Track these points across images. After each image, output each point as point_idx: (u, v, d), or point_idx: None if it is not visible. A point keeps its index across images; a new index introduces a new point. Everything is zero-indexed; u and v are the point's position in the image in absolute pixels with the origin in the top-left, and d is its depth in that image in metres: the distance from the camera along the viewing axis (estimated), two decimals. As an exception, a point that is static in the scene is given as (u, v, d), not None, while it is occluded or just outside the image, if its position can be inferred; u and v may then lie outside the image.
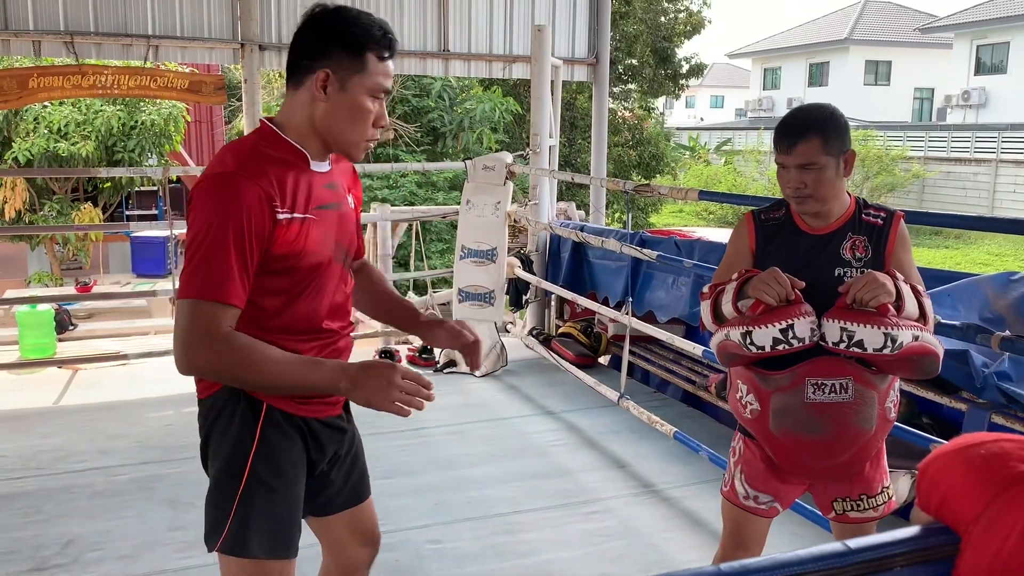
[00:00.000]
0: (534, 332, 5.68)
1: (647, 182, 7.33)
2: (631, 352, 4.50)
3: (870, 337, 1.77)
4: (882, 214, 1.99)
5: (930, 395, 3.10)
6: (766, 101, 34.91)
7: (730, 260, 2.11)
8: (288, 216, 1.54)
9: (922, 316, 1.87)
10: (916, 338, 1.79)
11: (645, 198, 14.33)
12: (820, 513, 2.18)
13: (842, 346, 1.81)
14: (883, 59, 32.17)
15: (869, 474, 2.02)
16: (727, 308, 1.97)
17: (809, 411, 1.91)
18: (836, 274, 1.94)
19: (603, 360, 5.46)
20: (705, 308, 2.04)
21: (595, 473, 3.69)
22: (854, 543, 0.52)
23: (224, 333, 1.48)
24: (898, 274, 1.86)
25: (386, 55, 1.59)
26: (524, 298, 5.79)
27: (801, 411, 1.91)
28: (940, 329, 2.44)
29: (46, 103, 9.44)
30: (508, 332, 5.80)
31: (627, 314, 4.24)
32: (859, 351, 1.80)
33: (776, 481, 2.05)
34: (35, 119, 9.81)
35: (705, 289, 2.08)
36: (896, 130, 23.91)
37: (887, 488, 2.06)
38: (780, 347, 1.85)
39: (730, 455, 2.17)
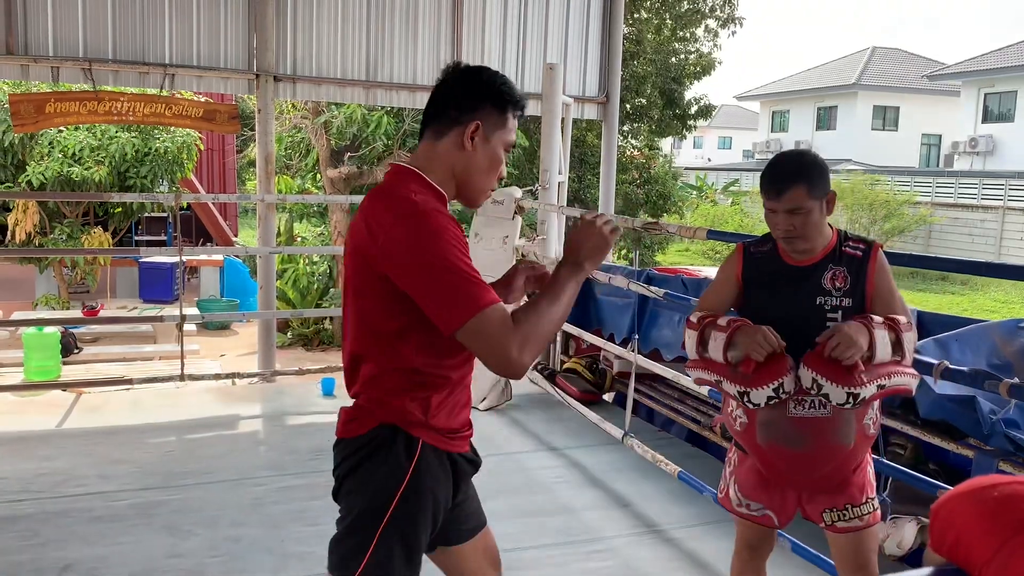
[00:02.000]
0: (539, 367, 5.67)
1: (655, 220, 7.32)
2: (636, 390, 4.49)
3: (835, 394, 1.96)
4: (861, 246, 2.14)
5: (936, 441, 3.08)
6: (774, 143, 35.11)
7: (718, 287, 2.30)
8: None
9: (898, 351, 2.01)
10: (882, 387, 1.97)
11: (652, 236, 14.37)
12: (803, 536, 2.28)
13: (812, 392, 1.99)
14: (891, 104, 32.41)
15: (854, 485, 2.15)
16: (716, 355, 2.13)
17: (792, 425, 2.06)
18: (818, 303, 2.10)
19: (608, 397, 5.44)
20: (691, 337, 2.21)
21: (598, 511, 3.66)
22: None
23: (515, 322, 1.56)
24: (874, 319, 2.01)
25: (520, 115, 1.78)
26: (530, 333, 5.78)
27: (784, 424, 2.07)
28: (949, 374, 2.43)
29: (62, 128, 9.55)
30: (513, 366, 5.78)
31: (633, 351, 4.23)
32: (824, 400, 1.99)
33: (767, 490, 2.20)
34: (50, 143, 9.91)
35: (693, 319, 2.23)
36: (903, 175, 24.01)
37: (871, 499, 2.17)
38: (772, 402, 2.04)
39: (726, 465, 2.34)
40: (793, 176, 2.06)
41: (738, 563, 2.34)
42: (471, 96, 1.71)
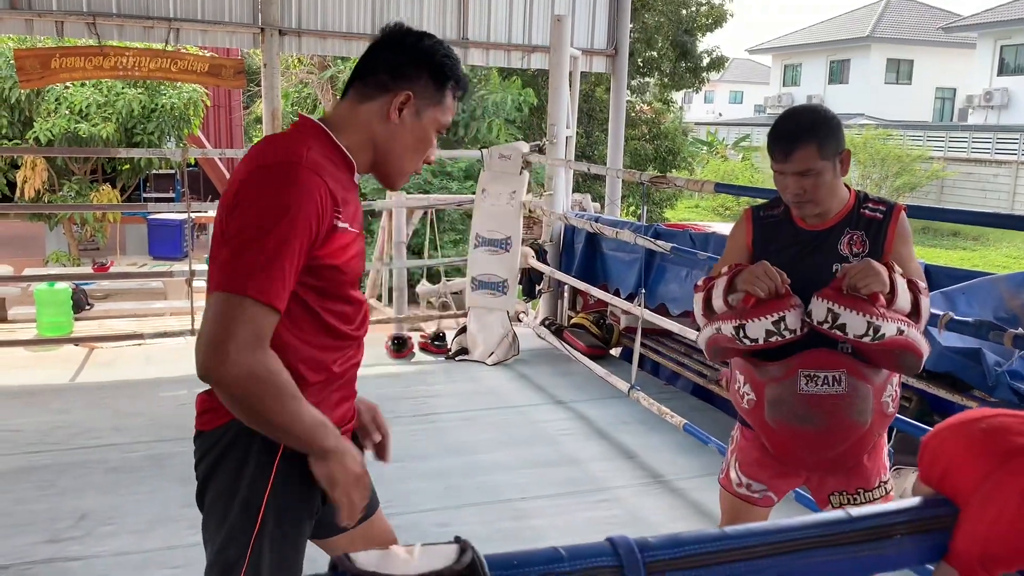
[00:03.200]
0: (546, 322, 5.70)
1: (662, 174, 7.23)
2: (642, 344, 4.51)
3: (853, 322, 1.78)
4: (881, 208, 1.98)
5: (942, 393, 3.10)
6: (786, 98, 34.68)
7: (728, 256, 2.14)
8: (344, 225, 1.44)
9: (915, 312, 1.87)
10: (901, 332, 1.80)
11: (661, 192, 14.29)
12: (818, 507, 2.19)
13: (825, 326, 1.82)
14: (905, 58, 31.90)
15: (866, 468, 2.03)
16: (717, 303, 1.98)
17: (802, 402, 1.92)
18: (834, 270, 1.94)
19: (614, 352, 5.47)
20: (698, 300, 2.06)
21: (604, 463, 3.71)
22: (856, 511, 0.54)
23: (266, 349, 1.32)
24: (896, 267, 1.86)
25: (460, 95, 1.57)
26: (537, 288, 5.81)
27: (795, 402, 1.93)
28: (953, 326, 2.44)
29: (68, 84, 9.51)
30: (520, 322, 5.82)
31: (639, 306, 4.25)
32: (840, 334, 1.81)
33: (770, 471, 2.08)
34: (56, 100, 9.88)
35: (700, 282, 2.09)
36: (916, 130, 23.74)
37: (885, 483, 2.06)
38: (773, 339, 1.88)
39: (729, 443, 2.22)
40: (802, 135, 1.89)
41: None
42: (407, 63, 1.49)
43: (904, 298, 1.84)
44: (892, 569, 0.55)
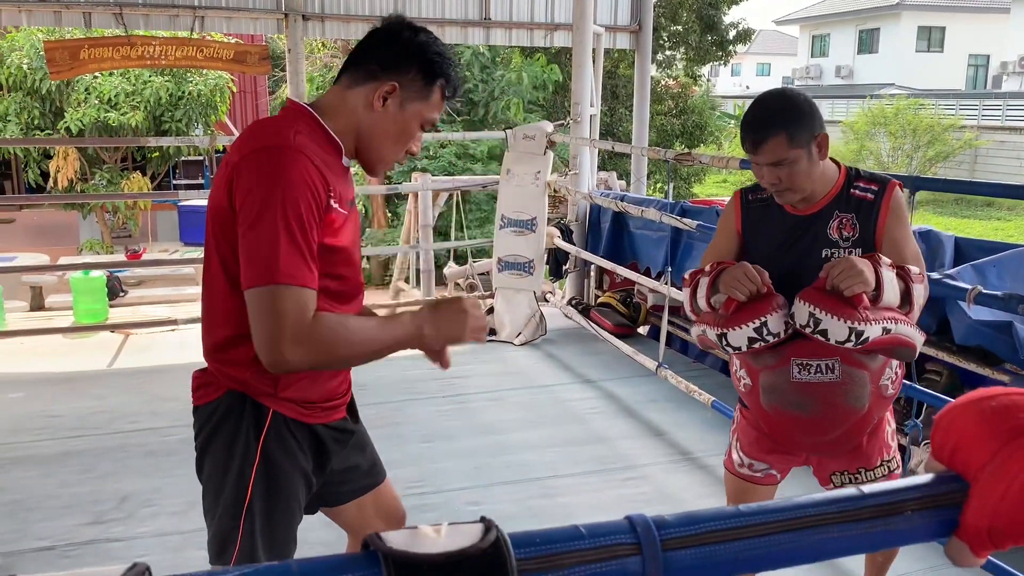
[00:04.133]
0: (573, 302, 5.71)
1: (687, 151, 7.12)
2: (670, 322, 4.51)
3: (835, 328, 1.71)
4: (873, 187, 1.89)
5: (972, 367, 3.07)
6: (814, 69, 34.16)
7: (718, 241, 2.10)
8: (336, 206, 1.47)
9: (907, 302, 1.79)
10: (887, 331, 1.73)
11: (688, 168, 14.18)
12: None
13: (807, 330, 1.76)
14: (936, 25, 31.21)
15: (867, 448, 2.00)
16: (701, 303, 1.94)
17: (796, 390, 1.89)
18: (823, 255, 1.88)
19: (642, 330, 5.47)
20: (685, 295, 2.01)
21: (632, 440, 3.73)
22: (868, 488, 0.55)
23: (315, 319, 1.38)
24: (883, 259, 1.77)
25: (450, 94, 1.59)
26: (563, 268, 5.82)
27: (788, 389, 1.90)
28: (983, 299, 2.42)
29: (96, 74, 9.63)
30: (547, 302, 5.84)
31: (666, 284, 4.25)
32: (822, 339, 1.75)
33: (770, 449, 2.07)
34: (86, 89, 10.02)
35: (687, 275, 2.04)
36: (949, 98, 23.27)
37: (888, 461, 2.03)
38: (756, 344, 1.83)
39: (732, 424, 2.22)
40: (769, 125, 1.81)
41: None
42: (399, 55, 1.51)
43: (892, 292, 1.76)
44: (904, 544, 0.57)
